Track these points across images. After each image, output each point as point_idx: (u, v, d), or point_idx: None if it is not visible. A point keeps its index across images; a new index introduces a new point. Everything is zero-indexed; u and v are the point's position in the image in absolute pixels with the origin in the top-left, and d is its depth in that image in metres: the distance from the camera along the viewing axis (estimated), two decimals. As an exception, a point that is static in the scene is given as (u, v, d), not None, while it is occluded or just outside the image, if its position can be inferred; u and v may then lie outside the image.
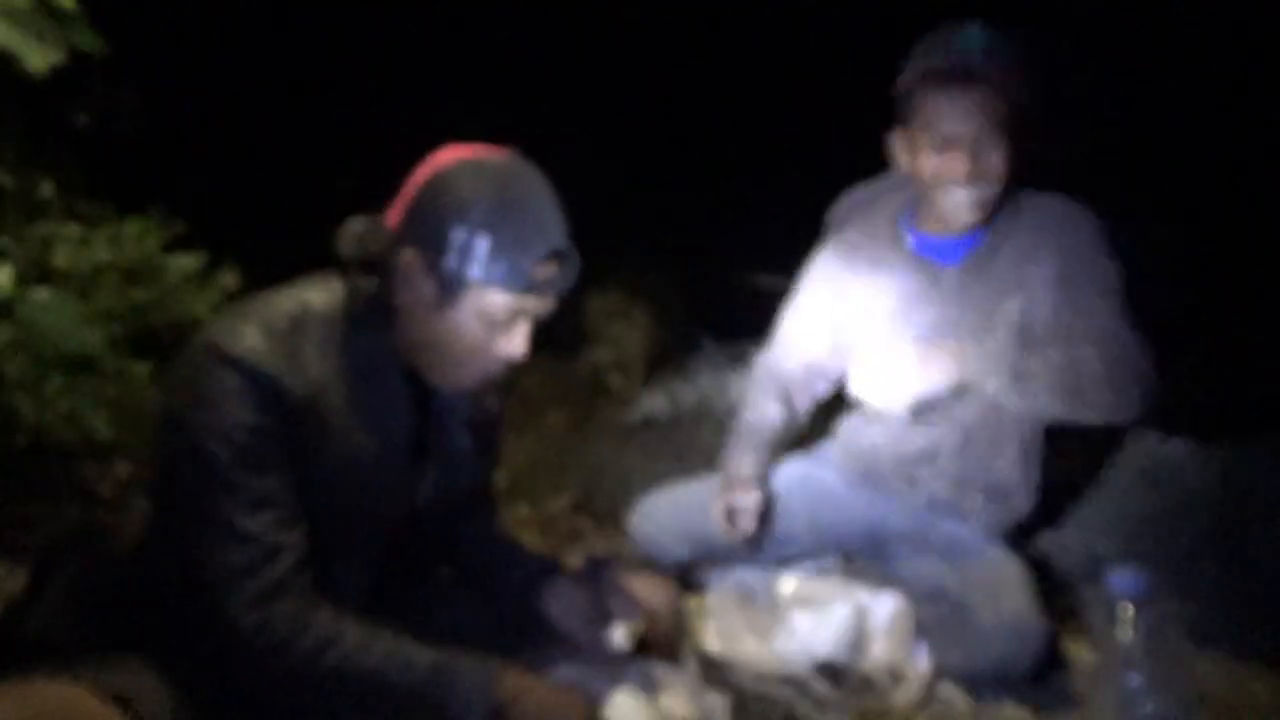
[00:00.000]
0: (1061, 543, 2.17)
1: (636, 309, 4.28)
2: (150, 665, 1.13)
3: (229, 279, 2.30)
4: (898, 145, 1.84)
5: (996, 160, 1.72)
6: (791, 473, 2.04)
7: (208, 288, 2.29)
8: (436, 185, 1.18)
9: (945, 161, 1.73)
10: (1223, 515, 2.19)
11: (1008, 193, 1.81)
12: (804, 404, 2.16)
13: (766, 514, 1.96)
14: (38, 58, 1.13)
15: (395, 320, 1.23)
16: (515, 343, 1.23)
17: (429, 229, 1.16)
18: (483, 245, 1.15)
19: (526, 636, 1.42)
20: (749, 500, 1.95)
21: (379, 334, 1.23)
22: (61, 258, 1.96)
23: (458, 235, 1.15)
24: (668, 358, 4.43)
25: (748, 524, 1.92)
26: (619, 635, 1.34)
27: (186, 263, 2.23)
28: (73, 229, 2.04)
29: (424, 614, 1.41)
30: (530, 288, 1.18)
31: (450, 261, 1.16)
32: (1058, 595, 2.02)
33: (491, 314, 1.19)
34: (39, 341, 1.51)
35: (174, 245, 2.22)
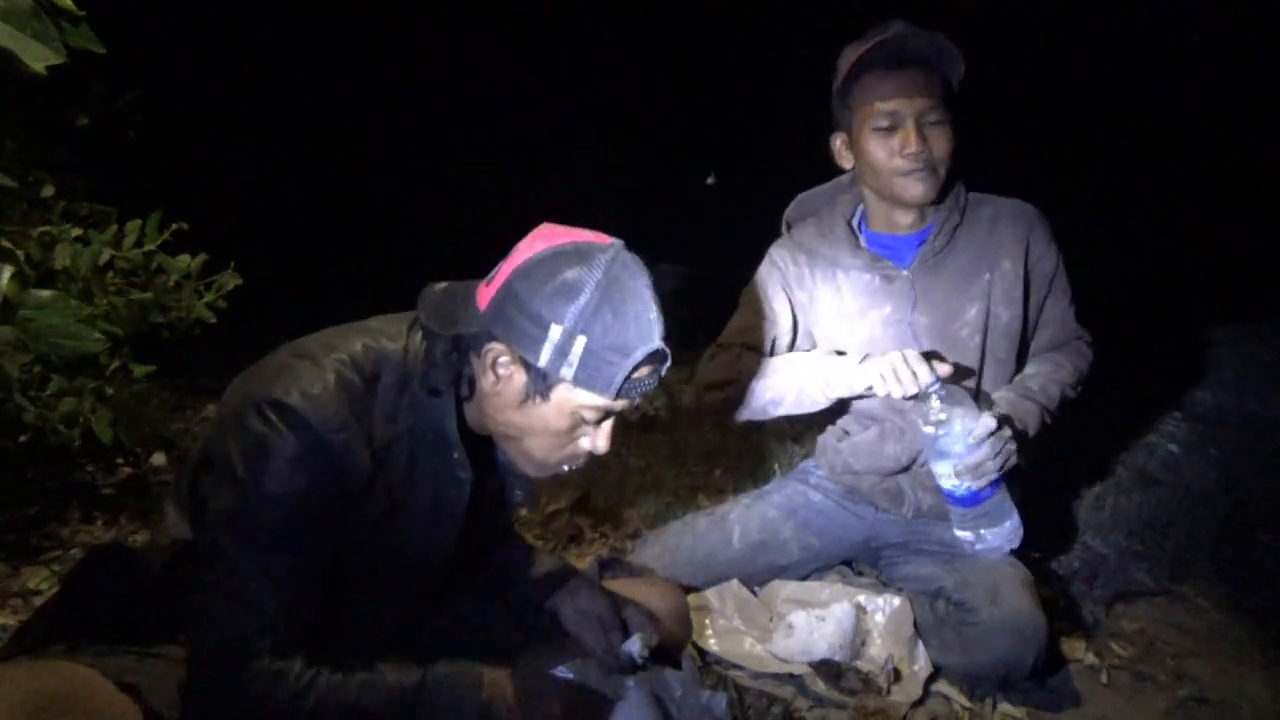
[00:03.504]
0: (1060, 542, 2.18)
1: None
2: (153, 656, 1.11)
3: (229, 279, 2.30)
4: (840, 149, 1.83)
5: (941, 140, 1.71)
6: (778, 504, 2.01)
7: (208, 288, 2.29)
8: (535, 275, 1.09)
9: (892, 143, 1.70)
10: (1223, 515, 2.20)
11: (951, 187, 1.79)
12: None
13: (762, 544, 1.94)
14: (38, 58, 1.13)
15: (473, 397, 1.19)
16: (600, 440, 1.19)
17: (524, 321, 1.09)
18: (579, 347, 1.09)
19: (538, 640, 1.41)
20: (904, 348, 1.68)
21: (451, 404, 1.18)
22: (61, 258, 1.96)
23: (554, 333, 1.08)
24: (667, 357, 4.43)
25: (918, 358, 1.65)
26: (636, 647, 1.34)
27: (186, 263, 2.22)
28: (73, 229, 2.03)
29: (430, 613, 1.41)
30: (623, 392, 1.13)
31: (543, 358, 1.09)
32: (1057, 595, 2.02)
33: (580, 414, 1.15)
34: (39, 341, 1.50)
35: (174, 245, 2.22)
